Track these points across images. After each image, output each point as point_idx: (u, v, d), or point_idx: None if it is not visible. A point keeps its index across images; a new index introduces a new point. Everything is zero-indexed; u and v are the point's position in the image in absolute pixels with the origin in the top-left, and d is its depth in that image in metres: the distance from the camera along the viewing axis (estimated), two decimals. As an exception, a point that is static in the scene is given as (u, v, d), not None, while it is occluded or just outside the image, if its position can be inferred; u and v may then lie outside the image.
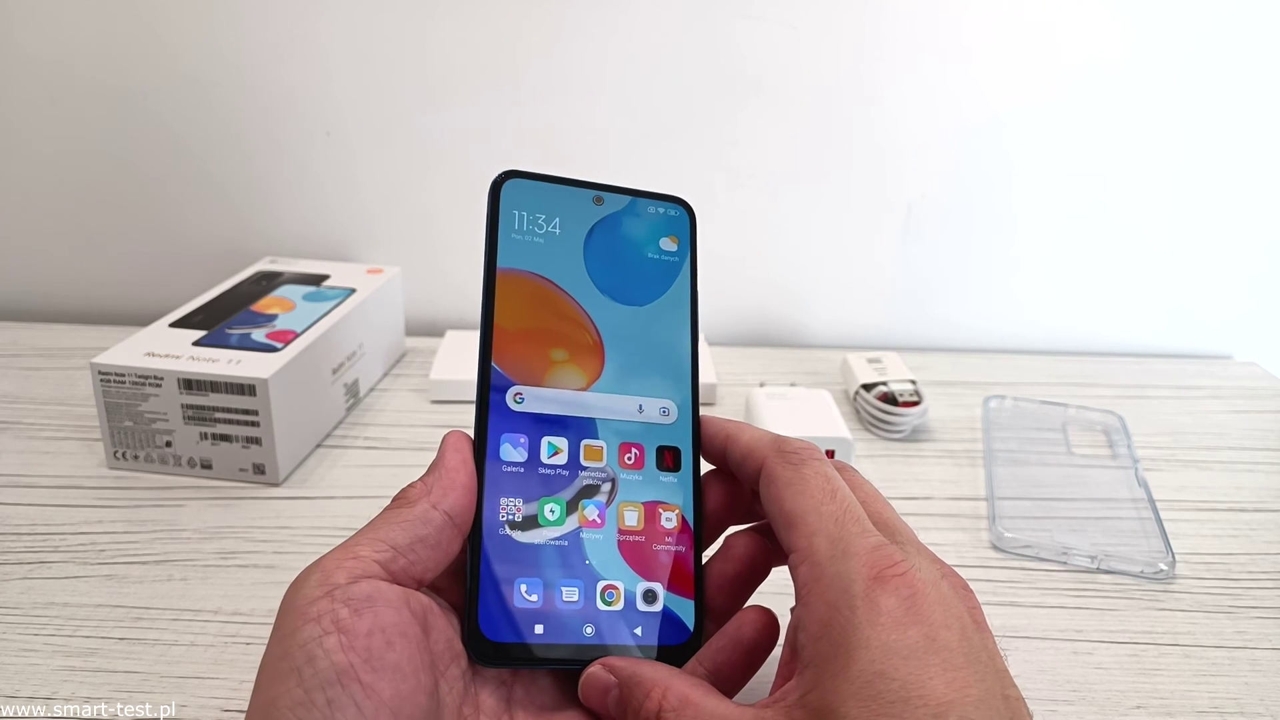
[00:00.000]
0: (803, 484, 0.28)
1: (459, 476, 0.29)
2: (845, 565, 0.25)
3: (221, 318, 0.56)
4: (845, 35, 0.67)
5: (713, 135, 0.70)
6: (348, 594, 0.25)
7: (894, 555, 0.25)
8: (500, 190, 0.33)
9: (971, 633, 0.24)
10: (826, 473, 0.28)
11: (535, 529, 0.30)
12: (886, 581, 0.24)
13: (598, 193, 0.35)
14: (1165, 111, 0.70)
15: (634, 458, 0.32)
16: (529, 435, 0.31)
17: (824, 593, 0.25)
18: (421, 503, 0.28)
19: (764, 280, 0.75)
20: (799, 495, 0.28)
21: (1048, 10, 0.67)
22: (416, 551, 0.27)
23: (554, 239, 0.34)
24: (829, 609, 0.25)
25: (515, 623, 0.29)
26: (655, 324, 0.34)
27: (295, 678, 0.24)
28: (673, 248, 0.35)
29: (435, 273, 0.74)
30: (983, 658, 0.24)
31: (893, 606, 0.24)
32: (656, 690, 0.27)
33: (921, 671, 0.22)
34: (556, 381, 0.32)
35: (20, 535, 0.46)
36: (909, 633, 0.23)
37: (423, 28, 0.67)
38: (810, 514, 0.27)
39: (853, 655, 0.23)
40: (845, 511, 0.27)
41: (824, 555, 0.26)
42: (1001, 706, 0.23)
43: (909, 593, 0.24)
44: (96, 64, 0.68)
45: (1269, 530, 0.51)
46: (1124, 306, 0.76)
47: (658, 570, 0.31)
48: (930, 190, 0.72)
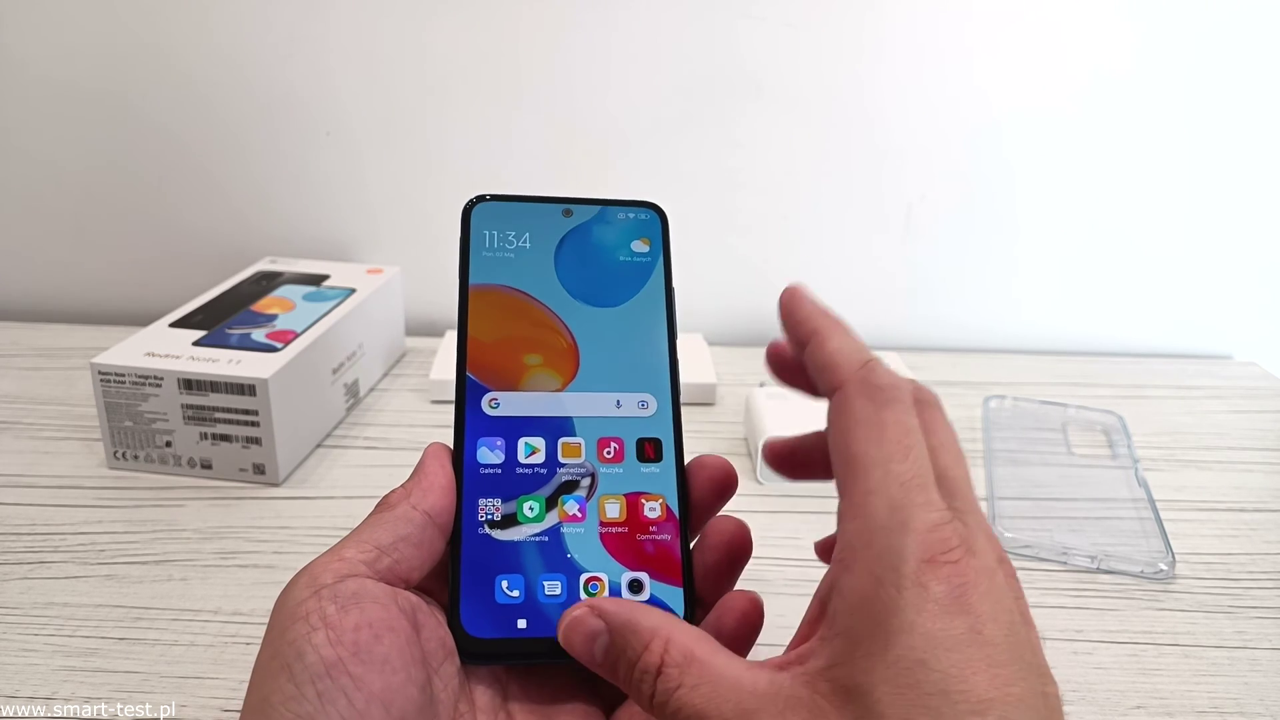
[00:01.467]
0: (879, 430, 0.26)
1: (437, 479, 0.30)
2: (901, 539, 0.24)
3: (221, 318, 0.56)
4: (846, 36, 0.67)
5: (713, 136, 0.70)
6: (334, 592, 0.25)
7: (951, 540, 0.24)
8: (470, 214, 0.34)
9: (1019, 627, 0.23)
10: (907, 423, 0.26)
11: (514, 526, 0.30)
12: (940, 567, 0.23)
13: (567, 205, 0.35)
14: (1165, 112, 0.70)
15: (613, 451, 0.32)
16: (505, 438, 0.32)
17: (871, 563, 0.24)
18: (402, 505, 0.29)
19: (764, 280, 0.75)
20: (870, 442, 0.26)
21: (1049, 11, 0.67)
22: (400, 550, 0.28)
23: (524, 253, 0.34)
24: (874, 582, 0.23)
25: (497, 618, 0.29)
26: (630, 323, 0.34)
27: (286, 674, 0.24)
28: (645, 249, 0.35)
29: (435, 273, 0.74)
30: (1025, 654, 0.23)
31: (942, 594, 0.23)
32: (657, 641, 0.25)
33: (965, 665, 0.22)
34: (532, 385, 0.33)
35: (20, 535, 0.46)
36: (955, 623, 0.22)
37: (423, 28, 0.67)
38: (876, 468, 0.25)
39: (893, 638, 0.22)
40: (914, 476, 0.25)
41: (880, 521, 0.24)
42: (1041, 705, 0.22)
43: (960, 581, 0.23)
44: (97, 64, 0.68)
45: (1269, 530, 0.51)
46: (1124, 306, 0.76)
47: (643, 560, 0.31)
48: (931, 190, 0.72)
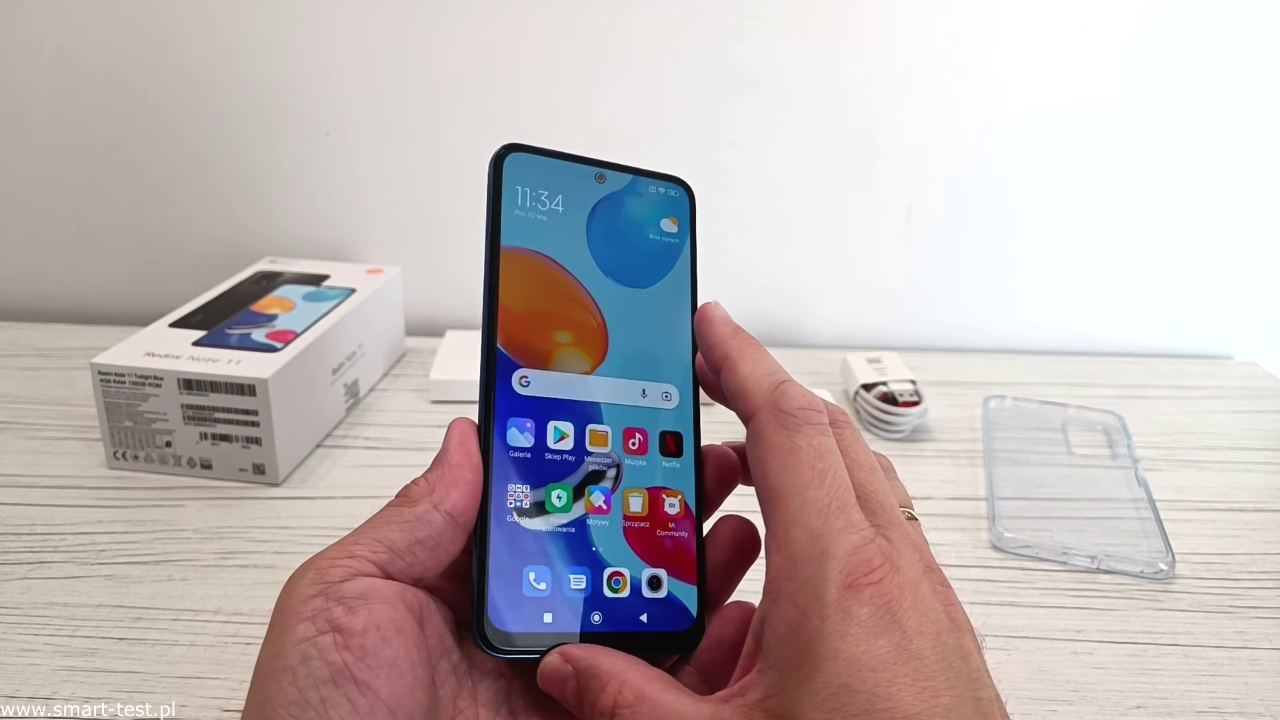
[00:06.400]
0: (793, 457, 0.26)
1: (463, 473, 0.28)
2: (822, 568, 0.24)
3: (221, 318, 0.56)
4: (845, 36, 0.67)
5: (713, 136, 0.70)
6: (342, 592, 0.25)
7: (874, 559, 0.24)
8: (503, 164, 0.32)
9: (947, 635, 0.24)
10: (821, 446, 0.26)
11: (543, 516, 0.30)
12: (862, 590, 0.23)
13: (600, 170, 0.34)
14: (1165, 112, 0.70)
15: (638, 443, 0.32)
16: (535, 420, 0.31)
17: (795, 594, 0.24)
18: (423, 503, 0.28)
19: (764, 280, 0.75)
20: (785, 470, 0.26)
21: (1047, 12, 0.67)
22: (415, 554, 0.27)
23: (557, 217, 0.33)
24: (799, 614, 0.24)
25: (525, 612, 0.28)
26: (657, 307, 0.33)
27: (289, 676, 0.23)
28: (673, 229, 0.35)
29: (435, 273, 0.74)
30: (955, 661, 0.23)
31: (865, 616, 0.23)
32: (613, 684, 0.26)
33: (890, 683, 0.22)
34: (562, 365, 0.32)
35: (20, 535, 0.46)
36: (879, 643, 0.23)
37: (423, 27, 0.67)
38: (794, 497, 0.25)
39: (819, 666, 0.23)
40: (832, 500, 0.25)
41: (801, 552, 0.24)
42: (972, 712, 0.22)
43: (884, 601, 0.23)
44: (97, 64, 0.68)
45: (1269, 530, 0.51)
46: (1124, 306, 0.76)
47: (662, 556, 0.31)
48: (930, 191, 0.72)
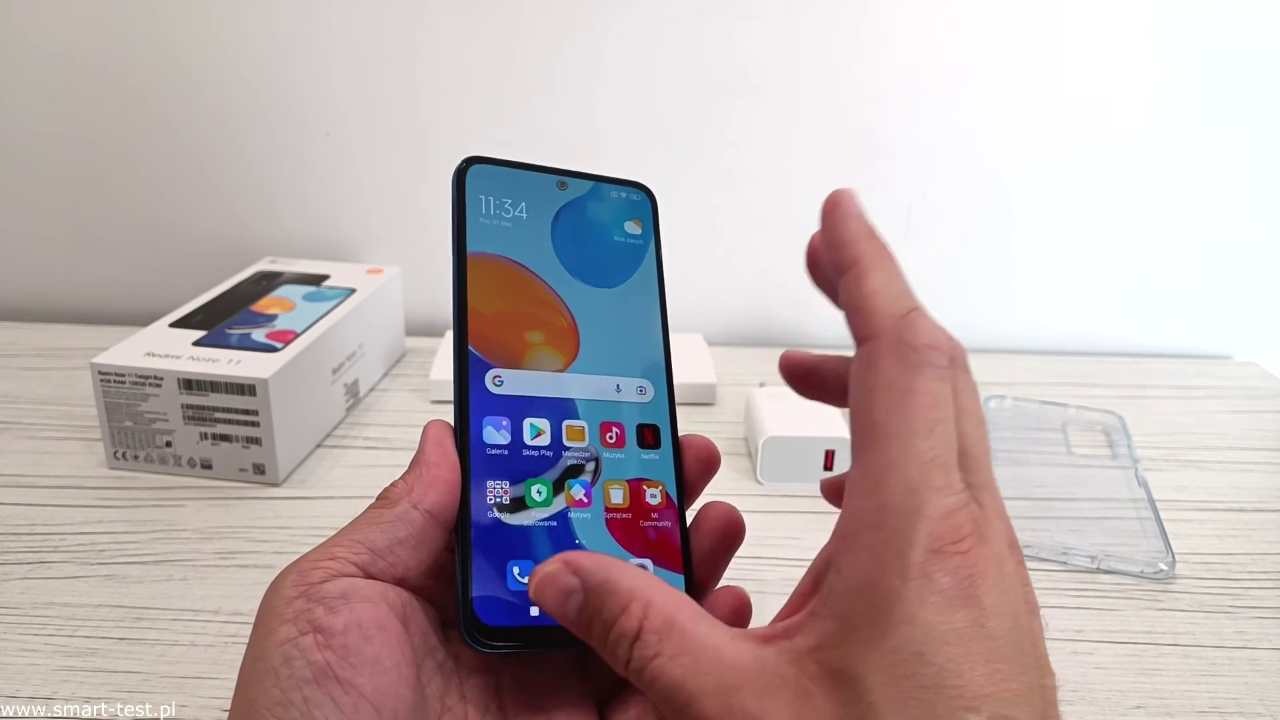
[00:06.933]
0: (907, 399, 0.24)
1: (441, 472, 0.29)
2: (912, 525, 0.22)
3: (221, 318, 0.56)
4: (844, 35, 0.67)
5: (712, 135, 0.70)
6: (322, 592, 0.25)
7: (964, 527, 0.22)
8: (465, 176, 0.33)
9: (1023, 618, 0.22)
10: (938, 393, 0.24)
11: (524, 511, 0.30)
12: (949, 558, 0.22)
13: (561, 178, 0.35)
14: (1164, 111, 0.70)
15: (615, 436, 0.33)
16: (510, 418, 0.31)
17: (878, 547, 0.22)
18: (402, 503, 0.28)
19: (764, 280, 0.75)
20: (895, 410, 0.23)
21: (1047, 11, 0.67)
22: (396, 554, 0.27)
23: (521, 223, 0.34)
24: (877, 567, 0.22)
25: (511, 606, 0.29)
26: (626, 306, 0.34)
27: (272, 678, 0.24)
28: (638, 231, 0.36)
29: (435, 273, 0.74)
30: (1026, 646, 0.22)
31: (948, 586, 0.22)
32: (636, 604, 0.23)
33: (964, 660, 0.21)
34: (534, 364, 0.32)
35: (20, 535, 0.46)
36: (958, 616, 0.21)
37: (423, 27, 0.67)
38: (897, 441, 0.23)
39: (892, 628, 0.21)
40: (935, 456, 0.23)
41: (894, 503, 0.22)
42: (1038, 700, 0.21)
43: (969, 573, 0.22)
44: (96, 64, 0.68)
45: (1269, 530, 0.51)
46: (1124, 306, 0.76)
47: (646, 547, 0.31)
48: (930, 190, 0.72)
